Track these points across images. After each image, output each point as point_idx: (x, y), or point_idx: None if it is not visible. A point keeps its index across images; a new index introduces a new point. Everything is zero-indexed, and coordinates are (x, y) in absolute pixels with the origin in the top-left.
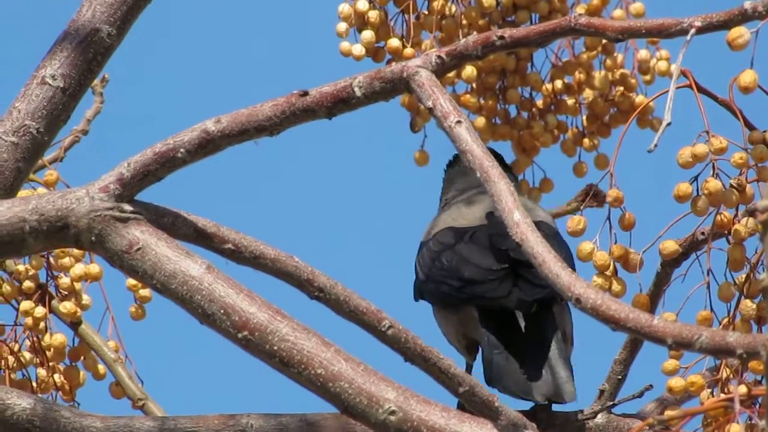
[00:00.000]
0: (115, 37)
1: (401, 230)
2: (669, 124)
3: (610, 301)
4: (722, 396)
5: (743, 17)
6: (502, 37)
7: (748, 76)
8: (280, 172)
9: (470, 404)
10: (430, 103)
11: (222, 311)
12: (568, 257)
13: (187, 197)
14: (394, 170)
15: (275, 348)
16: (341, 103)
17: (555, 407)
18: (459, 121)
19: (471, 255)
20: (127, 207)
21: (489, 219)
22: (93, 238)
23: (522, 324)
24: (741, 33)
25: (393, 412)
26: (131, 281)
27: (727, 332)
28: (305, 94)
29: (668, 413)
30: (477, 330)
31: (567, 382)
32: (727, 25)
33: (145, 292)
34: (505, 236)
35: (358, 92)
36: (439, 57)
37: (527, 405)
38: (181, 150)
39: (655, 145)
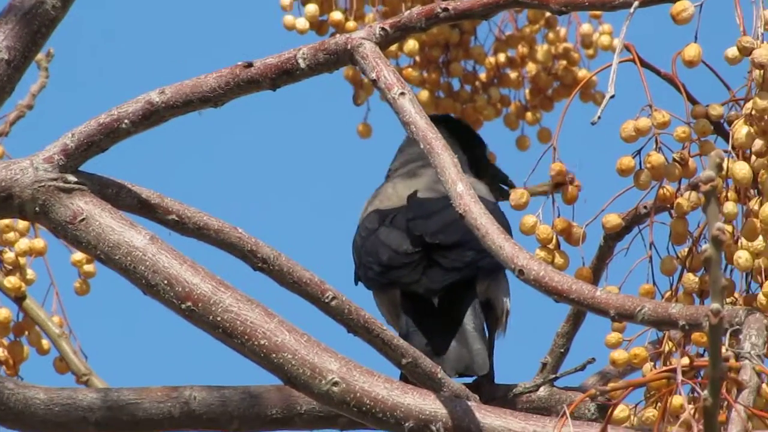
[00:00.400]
0: (59, 9)
1: (345, 202)
2: (612, 96)
3: (553, 273)
4: (665, 368)
5: None
6: (446, 9)
7: (692, 50)
8: (225, 143)
9: (413, 376)
10: (373, 75)
11: (165, 282)
12: (507, 231)
13: (132, 168)
14: (338, 142)
15: (218, 319)
16: (285, 75)
17: (498, 380)
18: (402, 93)
19: (389, 239)
20: (71, 178)
21: (410, 201)
22: (37, 208)
23: (435, 302)
24: (685, 6)
25: (336, 383)
26: (76, 256)
27: (670, 304)
28: (249, 65)
29: (611, 385)
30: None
31: (478, 355)
32: None
33: (89, 267)
34: (422, 220)
35: (302, 64)
36: (382, 29)
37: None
38: (125, 121)
39: (599, 118)
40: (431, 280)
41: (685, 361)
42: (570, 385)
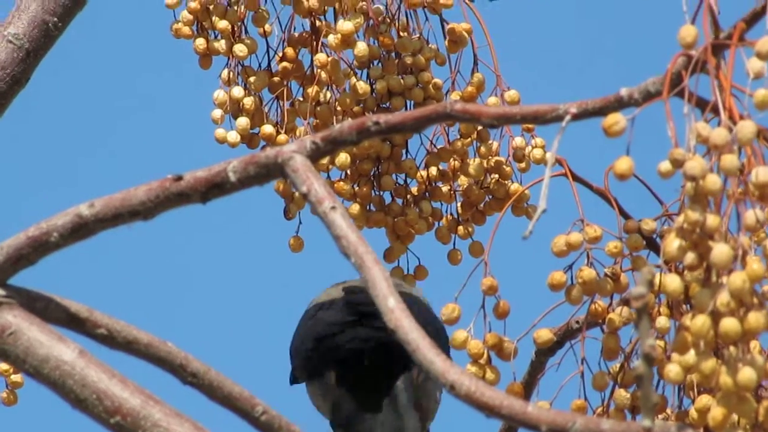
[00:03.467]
0: None
1: (276, 315)
2: (544, 210)
3: (484, 388)
4: None
5: (619, 104)
6: (377, 123)
7: (624, 164)
8: (155, 256)
9: None
10: (304, 189)
11: (95, 396)
12: (443, 337)
13: (63, 280)
14: (268, 256)
15: None
16: (216, 188)
17: None
18: (333, 207)
19: (326, 316)
20: (0, 291)
21: (350, 290)
22: None
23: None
24: (617, 120)
25: None
26: (2, 366)
27: (601, 420)
28: (179, 178)
29: None
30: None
31: (411, 427)
32: (602, 111)
33: (16, 377)
34: (362, 294)
35: (232, 177)
36: (313, 142)
37: None
38: (54, 234)
39: (530, 232)
40: (361, 338)
41: None
42: None
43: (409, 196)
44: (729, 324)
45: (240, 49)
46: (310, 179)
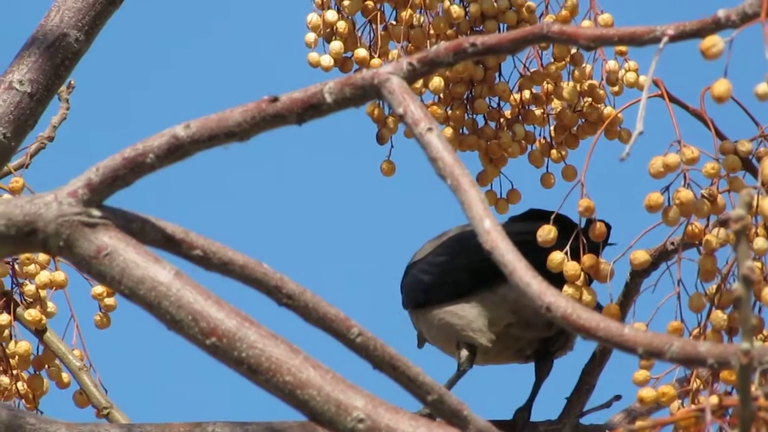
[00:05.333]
0: (83, 42)
1: (369, 239)
2: (641, 132)
3: (580, 310)
4: (693, 406)
5: (716, 26)
6: (474, 44)
7: (721, 86)
8: (250, 178)
9: (439, 413)
10: (401, 110)
11: (190, 317)
12: None
13: (156, 203)
14: (361, 179)
15: (243, 355)
16: (312, 109)
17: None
18: (430, 128)
19: (515, 228)
20: (96, 212)
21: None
22: (61, 243)
23: None
24: (714, 42)
25: (361, 420)
26: (96, 289)
27: (699, 342)
28: (275, 99)
29: (638, 423)
30: (508, 314)
31: None
32: (700, 33)
33: (110, 300)
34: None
35: (328, 98)
36: (410, 64)
37: (497, 415)
38: (150, 155)
39: (627, 154)
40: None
41: (714, 400)
42: (596, 423)
43: (502, 120)
44: None
45: None
46: (407, 100)
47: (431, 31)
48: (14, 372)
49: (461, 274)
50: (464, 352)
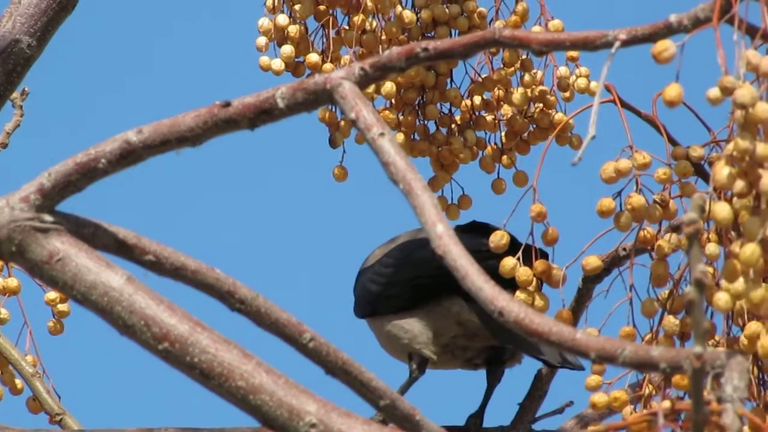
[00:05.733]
0: (35, 48)
1: (320, 244)
2: (593, 137)
3: (533, 315)
4: (645, 411)
5: (669, 31)
6: (426, 49)
7: (673, 90)
8: (202, 183)
9: (391, 418)
10: (353, 115)
11: (142, 322)
12: None
13: (108, 208)
14: (313, 185)
15: (196, 360)
16: (264, 114)
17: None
18: (382, 133)
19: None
20: (48, 218)
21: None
22: (13, 248)
23: None
24: (666, 46)
25: (314, 425)
26: (50, 295)
27: (651, 346)
28: (227, 104)
29: (590, 429)
30: (449, 329)
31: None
32: (652, 38)
33: (63, 306)
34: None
35: (280, 103)
36: (362, 69)
37: (450, 420)
38: (102, 160)
39: (579, 159)
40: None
41: (667, 404)
42: (548, 429)
43: (453, 126)
44: None
45: None
46: (359, 105)
47: (383, 37)
48: None
49: (405, 287)
50: (415, 360)
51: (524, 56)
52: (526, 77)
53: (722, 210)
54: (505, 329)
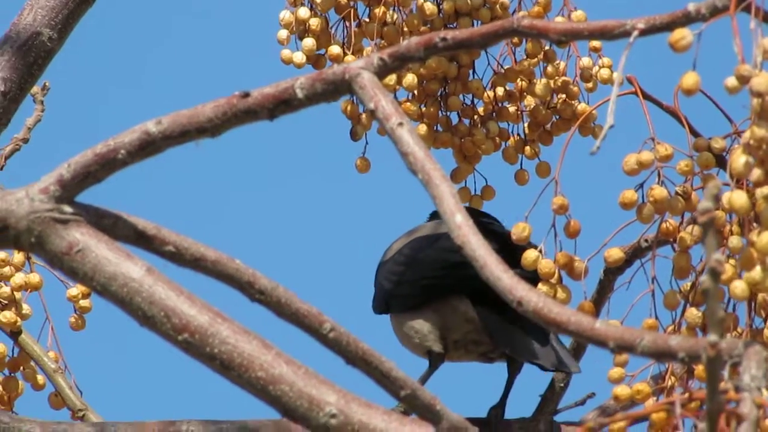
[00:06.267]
0: (56, 41)
1: (342, 235)
2: (612, 126)
3: (552, 305)
4: (663, 400)
5: (686, 19)
6: (444, 39)
7: (690, 79)
8: (222, 174)
9: (412, 407)
10: (372, 105)
11: (162, 313)
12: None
13: (129, 198)
14: (335, 176)
15: (216, 351)
16: (283, 104)
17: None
18: (401, 123)
19: (453, 246)
20: (67, 208)
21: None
22: (33, 239)
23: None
24: (684, 35)
25: (334, 416)
26: (71, 291)
27: (669, 336)
28: (247, 95)
29: (609, 418)
30: (460, 325)
31: (570, 357)
32: (670, 27)
33: (85, 302)
34: (498, 225)
35: (299, 93)
36: (381, 59)
37: (471, 412)
38: (122, 151)
39: (598, 148)
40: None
41: (684, 393)
42: (570, 420)
43: (476, 117)
44: None
45: None
46: (378, 96)
47: (405, 29)
48: None
49: (413, 287)
50: (430, 355)
51: (547, 47)
52: (549, 68)
53: (740, 198)
54: (503, 333)
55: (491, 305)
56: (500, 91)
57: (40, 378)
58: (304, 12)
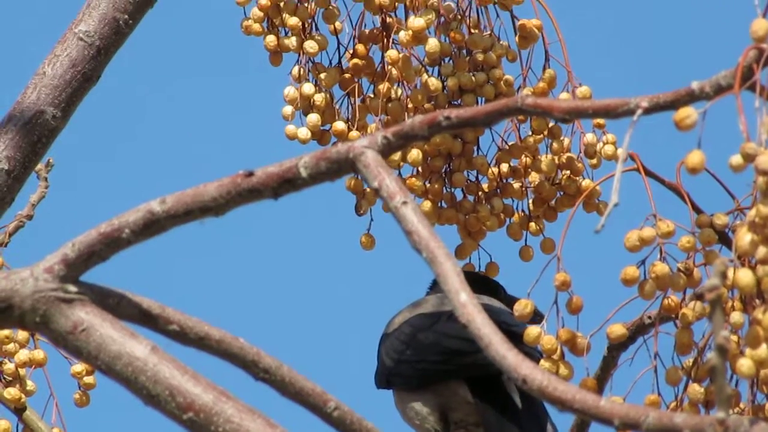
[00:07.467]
0: (60, 119)
1: (348, 311)
2: (616, 204)
3: (557, 382)
4: None
5: (690, 97)
6: (448, 118)
7: (695, 157)
8: (227, 253)
9: None
10: (375, 184)
11: (167, 392)
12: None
13: (133, 276)
14: (340, 253)
15: (220, 429)
16: (287, 184)
17: None
18: (405, 202)
19: (452, 331)
20: (72, 288)
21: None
22: (38, 318)
23: (517, 400)
24: (688, 113)
25: None
26: (76, 368)
27: (674, 413)
28: (250, 174)
29: None
30: (461, 406)
31: None
32: (674, 105)
33: (89, 379)
34: (493, 313)
35: (303, 173)
36: (385, 137)
37: None
38: (126, 230)
39: (602, 226)
40: None
41: None
42: None
43: (480, 193)
44: None
45: (310, 45)
46: (382, 174)
47: (409, 105)
48: None
49: (411, 368)
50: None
51: (552, 123)
52: (554, 144)
53: (745, 276)
54: (498, 427)
55: (488, 395)
56: (505, 167)
57: None
58: (308, 88)
